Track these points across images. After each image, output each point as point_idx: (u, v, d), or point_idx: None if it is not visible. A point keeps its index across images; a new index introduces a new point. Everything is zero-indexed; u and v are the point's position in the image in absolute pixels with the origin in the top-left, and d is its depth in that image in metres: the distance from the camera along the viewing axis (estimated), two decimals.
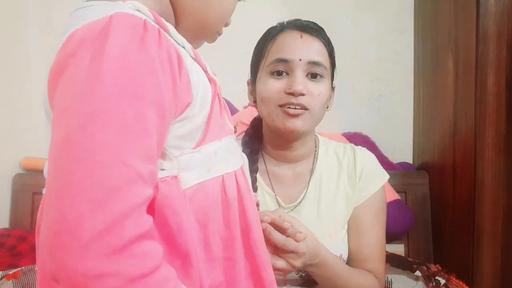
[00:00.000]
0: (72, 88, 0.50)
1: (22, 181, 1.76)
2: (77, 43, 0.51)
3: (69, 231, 0.45)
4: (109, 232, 0.45)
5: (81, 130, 0.48)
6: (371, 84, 1.92)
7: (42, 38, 1.85)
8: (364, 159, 1.09)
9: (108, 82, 0.49)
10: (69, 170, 0.47)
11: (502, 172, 1.41)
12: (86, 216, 0.45)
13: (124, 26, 0.52)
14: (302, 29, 1.02)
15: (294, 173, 1.09)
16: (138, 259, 0.47)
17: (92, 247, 0.45)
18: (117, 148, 0.48)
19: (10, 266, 1.48)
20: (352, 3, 1.90)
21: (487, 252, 1.43)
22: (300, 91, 0.97)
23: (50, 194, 0.48)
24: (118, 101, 0.49)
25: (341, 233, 1.06)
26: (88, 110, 0.48)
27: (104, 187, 0.46)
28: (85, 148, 0.47)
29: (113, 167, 0.47)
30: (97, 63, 0.49)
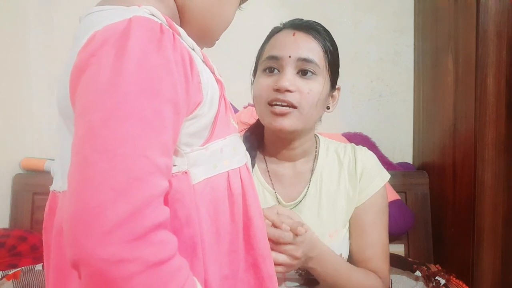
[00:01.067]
0: (95, 85, 0.52)
1: (22, 181, 1.76)
2: (99, 43, 0.54)
3: (92, 218, 0.47)
4: (130, 220, 0.48)
5: (105, 123, 0.50)
6: (371, 84, 1.92)
7: (42, 38, 1.85)
8: (364, 158, 1.09)
9: (129, 80, 0.52)
10: (93, 161, 0.49)
11: (502, 172, 1.41)
12: (109, 204, 0.48)
13: (143, 29, 0.55)
14: (296, 27, 1.02)
15: (294, 171, 1.09)
16: (156, 247, 0.50)
17: (114, 233, 0.47)
18: (138, 142, 0.51)
19: (10, 266, 1.48)
20: (352, 3, 1.90)
21: (487, 252, 1.43)
22: (286, 87, 0.96)
23: (73, 184, 0.50)
24: (138, 98, 0.52)
25: (341, 232, 1.06)
26: (111, 105, 0.51)
27: (126, 177, 0.49)
28: (109, 140, 0.50)
29: (135, 159, 0.50)
30: (120, 63, 0.52)
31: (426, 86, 1.81)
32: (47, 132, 1.81)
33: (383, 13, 1.90)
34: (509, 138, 1.40)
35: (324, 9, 1.88)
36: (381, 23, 1.90)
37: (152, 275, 0.49)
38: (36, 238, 1.61)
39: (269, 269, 0.70)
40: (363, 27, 1.90)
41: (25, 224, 1.72)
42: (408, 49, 1.91)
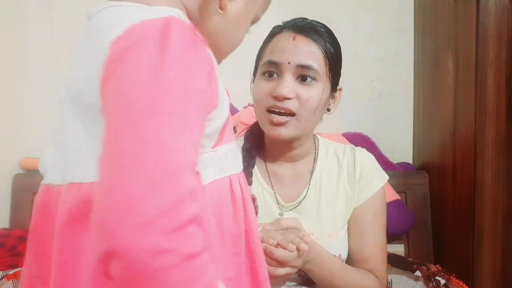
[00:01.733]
0: (137, 77, 0.53)
1: (22, 181, 1.76)
2: (138, 37, 0.55)
3: (133, 209, 0.48)
4: (169, 212, 0.49)
5: (147, 116, 0.51)
6: (371, 84, 1.92)
7: (42, 38, 1.85)
8: (363, 160, 1.09)
9: (170, 76, 0.53)
10: (134, 153, 0.50)
11: (502, 172, 1.41)
12: (150, 196, 0.48)
13: (181, 29, 0.57)
14: (297, 30, 1.00)
15: (294, 172, 1.09)
16: (191, 240, 0.51)
17: (155, 224, 0.48)
18: (177, 137, 0.52)
19: (10, 266, 1.48)
20: (352, 3, 1.90)
21: (487, 252, 1.43)
22: (284, 95, 0.96)
23: (111, 175, 0.50)
24: (178, 95, 0.53)
25: (340, 233, 1.06)
26: (154, 99, 0.52)
27: (166, 170, 0.50)
28: (150, 133, 0.51)
29: (175, 152, 0.51)
30: (162, 58, 0.53)
31: (426, 86, 1.81)
32: (47, 132, 1.80)
33: (383, 13, 1.90)
34: (509, 138, 1.40)
35: (324, 9, 1.88)
36: (381, 23, 1.90)
37: (187, 267, 0.50)
38: None
39: (265, 273, 0.71)
40: (363, 27, 1.90)
41: (25, 224, 1.71)
42: (408, 49, 1.91)
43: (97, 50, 0.58)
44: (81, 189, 0.58)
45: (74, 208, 0.58)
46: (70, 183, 0.59)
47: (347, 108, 1.90)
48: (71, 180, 0.59)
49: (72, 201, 0.58)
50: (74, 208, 0.58)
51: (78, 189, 0.58)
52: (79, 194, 0.58)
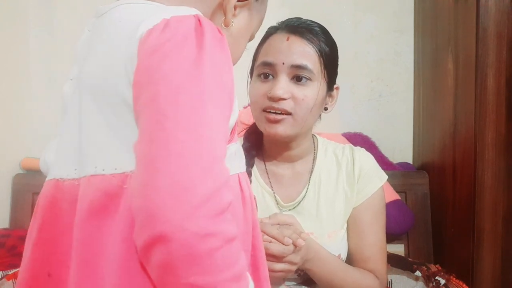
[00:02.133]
0: (181, 69, 0.55)
1: (22, 181, 1.76)
2: (173, 31, 0.56)
3: (182, 193, 0.50)
4: (214, 197, 0.51)
5: (193, 104, 0.54)
6: (371, 84, 1.92)
7: (42, 38, 1.85)
8: (362, 159, 1.09)
9: (208, 71, 0.56)
10: (181, 140, 0.52)
11: (502, 172, 1.41)
12: (198, 181, 0.50)
13: (210, 27, 0.59)
14: (291, 31, 1.00)
15: (293, 172, 1.09)
16: (231, 224, 0.53)
17: (202, 208, 0.50)
18: (218, 127, 0.55)
19: (10, 266, 1.48)
20: (352, 3, 1.90)
21: (487, 252, 1.43)
22: (279, 96, 0.96)
23: (158, 162, 0.51)
24: (217, 88, 0.56)
25: (340, 232, 1.06)
26: (198, 90, 0.54)
27: (211, 157, 0.53)
28: (196, 121, 0.53)
29: (217, 141, 0.54)
30: (200, 54, 0.56)
31: (426, 86, 1.81)
32: (47, 132, 1.80)
33: (383, 13, 1.90)
34: (509, 138, 1.40)
35: (324, 9, 1.88)
36: (381, 23, 1.90)
37: (228, 250, 0.52)
38: None
39: (266, 271, 0.72)
40: (363, 27, 1.90)
41: (25, 224, 1.71)
42: (408, 49, 1.91)
43: (121, 44, 0.59)
44: (104, 181, 0.57)
45: (96, 201, 0.57)
46: (90, 175, 0.59)
47: (347, 108, 1.90)
48: (92, 172, 0.59)
49: (94, 193, 0.58)
50: (96, 201, 0.57)
51: (100, 181, 0.58)
52: (101, 186, 0.57)
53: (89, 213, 0.57)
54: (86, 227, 0.57)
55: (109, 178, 0.57)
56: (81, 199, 0.59)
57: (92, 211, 0.57)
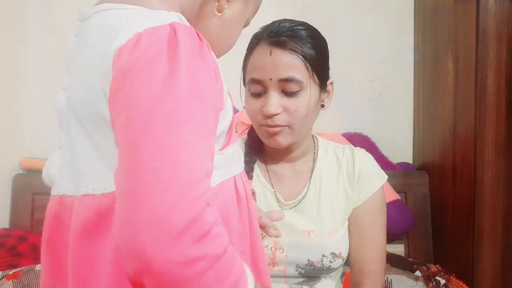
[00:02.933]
0: (150, 90, 0.52)
1: (22, 181, 1.76)
2: (145, 47, 0.54)
3: (160, 224, 0.48)
4: (195, 222, 0.49)
5: (166, 128, 0.51)
6: (371, 84, 1.92)
7: (42, 38, 1.85)
8: (362, 160, 1.09)
9: (183, 86, 0.53)
10: (155, 166, 0.50)
11: (502, 172, 1.41)
12: (176, 208, 0.49)
13: (187, 35, 0.56)
14: (273, 43, 0.98)
15: (294, 171, 1.09)
16: (218, 239, 0.52)
17: (184, 237, 0.48)
18: (194, 145, 0.52)
19: (10, 266, 1.48)
20: (352, 3, 1.90)
21: (487, 252, 1.43)
22: (272, 112, 0.97)
23: (133, 193, 0.50)
24: (192, 103, 0.53)
25: (340, 231, 1.06)
26: (170, 110, 0.51)
27: (188, 180, 0.50)
28: (170, 145, 0.51)
29: (194, 161, 0.52)
30: (173, 68, 0.53)
31: (426, 86, 1.81)
32: (47, 132, 1.80)
33: (383, 13, 1.90)
34: (509, 138, 1.40)
35: (324, 9, 1.87)
36: (381, 23, 1.90)
37: (219, 266, 0.51)
38: (36, 238, 1.61)
39: (266, 267, 0.72)
40: (363, 27, 1.90)
41: (25, 224, 1.72)
42: (408, 49, 1.91)
43: (97, 60, 0.57)
44: (94, 200, 0.57)
45: (88, 220, 0.57)
46: (82, 195, 0.59)
47: (347, 108, 1.90)
48: (83, 191, 0.59)
49: (85, 212, 0.57)
50: (87, 220, 0.57)
51: (91, 201, 0.57)
52: (92, 206, 0.57)
53: (81, 232, 0.57)
54: (79, 247, 0.58)
55: (99, 198, 0.57)
56: (74, 218, 0.59)
57: (84, 230, 0.57)
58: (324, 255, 1.03)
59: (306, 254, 1.02)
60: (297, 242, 1.04)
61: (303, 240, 1.03)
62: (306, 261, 1.03)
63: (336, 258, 1.03)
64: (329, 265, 1.03)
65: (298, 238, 1.04)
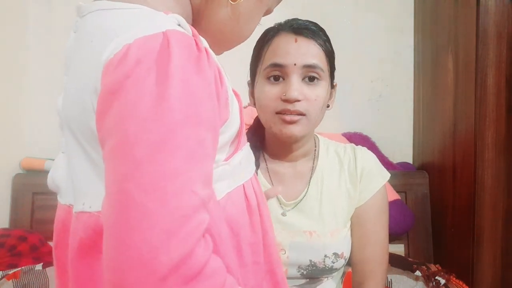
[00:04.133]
0: (137, 114, 0.47)
1: (22, 181, 1.76)
2: (134, 62, 0.48)
3: (146, 266, 0.44)
4: (184, 262, 0.45)
5: (152, 159, 0.46)
6: (371, 84, 1.92)
7: (42, 38, 1.85)
8: (364, 158, 1.09)
9: (174, 108, 0.47)
10: (140, 202, 0.45)
11: (502, 172, 1.41)
12: (162, 249, 0.44)
13: (181, 47, 0.50)
14: (297, 32, 1.00)
15: (295, 171, 1.09)
16: (212, 279, 0.48)
17: (171, 278, 0.44)
18: (186, 176, 0.47)
19: (10, 266, 1.48)
20: (352, 3, 1.90)
21: (487, 252, 1.43)
22: (295, 98, 0.96)
23: (117, 228, 0.46)
24: (184, 127, 0.48)
25: (342, 231, 1.06)
26: (158, 138, 0.47)
27: (176, 217, 0.46)
28: (157, 177, 0.46)
29: (183, 195, 0.47)
30: (163, 88, 0.48)
31: (426, 86, 1.81)
32: (47, 132, 1.80)
33: (383, 13, 1.90)
34: (509, 138, 1.40)
35: (324, 9, 1.88)
36: (381, 23, 1.90)
37: None
38: (36, 238, 1.61)
39: (282, 273, 0.70)
40: (363, 27, 1.90)
41: (25, 224, 1.71)
42: (408, 49, 1.91)
43: (89, 70, 0.53)
44: (91, 218, 0.55)
45: (86, 238, 0.55)
46: (79, 212, 0.56)
47: (347, 108, 1.90)
48: (79, 208, 0.56)
49: (83, 230, 0.55)
50: (85, 238, 0.55)
51: (88, 218, 0.55)
52: (89, 224, 0.55)
53: (79, 251, 0.56)
54: (77, 265, 0.56)
55: (96, 216, 0.54)
56: (72, 236, 0.57)
57: (82, 248, 0.56)
58: (326, 256, 1.03)
59: (308, 254, 1.02)
60: (299, 243, 1.03)
61: (304, 240, 1.03)
62: (308, 262, 1.02)
63: (339, 258, 1.03)
64: (331, 265, 1.03)
65: (299, 239, 1.03)
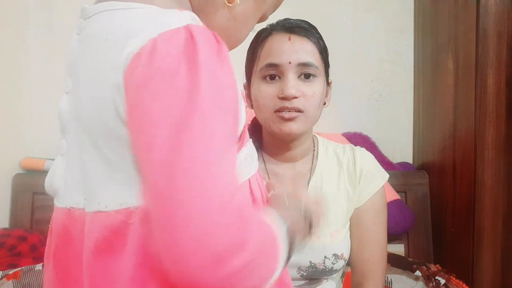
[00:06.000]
0: (174, 105, 0.49)
1: (22, 181, 1.76)
2: (164, 56, 0.50)
3: (206, 247, 0.47)
4: (237, 233, 0.49)
5: (195, 145, 0.48)
6: (371, 84, 1.92)
7: (42, 38, 1.85)
8: (363, 159, 1.09)
9: (207, 98, 0.49)
10: (190, 187, 0.47)
11: (502, 172, 1.41)
12: (217, 226, 0.48)
13: (204, 39, 0.52)
14: (290, 31, 1.01)
15: (294, 172, 1.09)
16: (256, 236, 0.51)
17: (228, 252, 0.48)
18: (224, 159, 0.50)
19: (10, 266, 1.48)
20: (352, 3, 1.90)
21: (487, 252, 1.43)
22: (293, 95, 0.97)
23: (172, 216, 0.47)
24: (217, 116, 0.50)
25: (342, 232, 1.06)
26: (198, 126, 0.49)
27: (224, 197, 0.49)
28: (201, 162, 0.48)
29: (226, 176, 0.50)
30: (195, 80, 0.49)
31: (426, 86, 1.81)
32: (47, 132, 1.80)
33: (383, 13, 1.90)
34: (509, 138, 1.40)
35: (324, 9, 1.88)
36: (381, 23, 1.90)
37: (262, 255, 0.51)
38: (36, 238, 1.61)
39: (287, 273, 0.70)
40: (363, 27, 1.90)
41: (25, 224, 1.72)
42: (408, 49, 1.91)
43: (107, 69, 0.53)
44: (107, 217, 0.55)
45: (102, 238, 0.55)
46: (94, 212, 0.56)
47: (347, 108, 1.90)
48: (95, 208, 0.56)
49: (99, 231, 0.55)
50: (102, 238, 0.55)
51: (104, 218, 0.55)
52: (106, 224, 0.55)
53: (95, 251, 0.55)
54: (94, 266, 0.55)
55: (113, 215, 0.54)
56: (87, 236, 0.56)
57: (98, 249, 0.55)
58: (326, 257, 1.02)
59: (308, 256, 1.02)
60: None
61: None
62: (308, 263, 1.02)
63: (338, 259, 1.03)
64: (331, 266, 1.03)
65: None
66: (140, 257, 0.53)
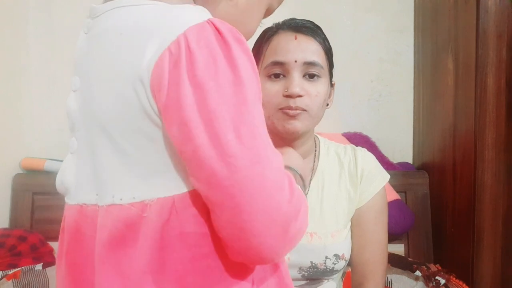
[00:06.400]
0: (225, 99, 0.52)
1: (22, 181, 1.76)
2: (201, 53, 0.52)
3: (276, 223, 0.54)
4: (295, 204, 0.56)
5: (252, 134, 0.54)
6: (371, 84, 1.92)
7: (42, 38, 1.85)
8: (365, 159, 1.09)
9: (248, 87, 0.54)
10: (256, 172, 0.52)
11: (502, 172, 1.41)
12: (280, 203, 0.53)
13: (228, 33, 0.54)
14: (297, 30, 1.01)
15: None
16: (300, 202, 0.58)
17: (292, 222, 0.56)
18: (270, 143, 0.56)
19: (10, 266, 1.48)
20: (352, 3, 1.90)
21: (487, 252, 1.43)
22: (297, 93, 0.97)
23: (244, 199, 0.52)
24: (257, 105, 0.55)
25: (343, 232, 1.06)
26: (248, 116, 0.53)
27: (280, 174, 0.55)
28: (260, 149, 0.53)
29: (276, 158, 0.55)
30: (236, 71, 0.53)
31: (426, 86, 1.81)
32: (47, 132, 1.80)
33: (383, 13, 1.90)
34: (509, 138, 1.40)
35: (324, 9, 1.87)
36: (381, 23, 1.90)
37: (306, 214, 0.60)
38: (36, 238, 1.61)
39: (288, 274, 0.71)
40: (363, 27, 1.90)
41: (25, 224, 1.71)
42: (408, 49, 1.91)
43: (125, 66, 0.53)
44: (122, 210, 0.55)
45: (115, 231, 0.55)
46: (108, 205, 0.56)
47: (347, 108, 1.90)
48: (109, 201, 0.56)
49: (112, 224, 0.55)
50: (115, 231, 0.55)
51: (118, 211, 0.55)
52: (120, 217, 0.55)
53: (108, 244, 0.55)
54: (106, 259, 0.55)
55: (127, 208, 0.55)
56: (99, 230, 0.57)
57: (111, 242, 0.55)
58: (327, 257, 1.02)
59: (309, 256, 1.02)
60: (299, 245, 1.01)
61: (305, 242, 1.02)
62: (309, 264, 1.02)
63: (339, 260, 1.03)
64: (332, 267, 1.03)
65: (300, 241, 1.03)
66: (152, 251, 0.53)
